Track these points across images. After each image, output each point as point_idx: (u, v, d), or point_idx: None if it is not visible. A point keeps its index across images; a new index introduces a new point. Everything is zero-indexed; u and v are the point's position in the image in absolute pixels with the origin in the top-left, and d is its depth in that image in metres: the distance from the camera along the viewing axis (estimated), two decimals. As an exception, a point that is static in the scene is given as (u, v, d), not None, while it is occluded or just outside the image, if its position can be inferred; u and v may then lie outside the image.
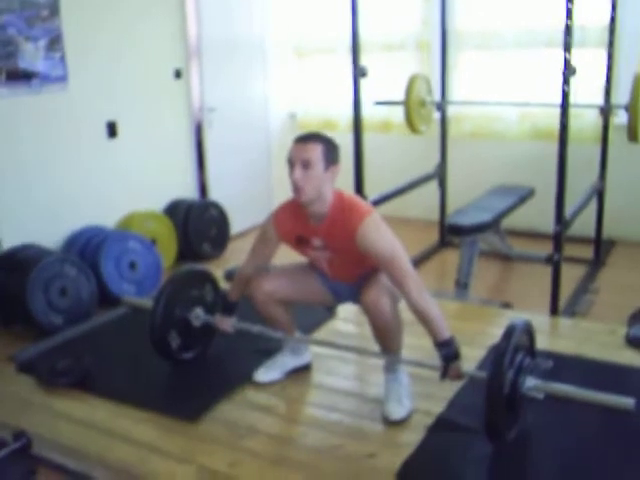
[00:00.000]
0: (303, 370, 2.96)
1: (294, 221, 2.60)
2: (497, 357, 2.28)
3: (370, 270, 2.60)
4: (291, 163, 2.45)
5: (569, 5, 3.30)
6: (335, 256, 2.60)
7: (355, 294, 2.65)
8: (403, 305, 2.58)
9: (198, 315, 2.99)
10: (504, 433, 2.31)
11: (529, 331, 2.48)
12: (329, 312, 3.47)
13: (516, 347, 2.31)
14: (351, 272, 2.67)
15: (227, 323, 2.92)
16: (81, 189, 4.47)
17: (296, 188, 2.45)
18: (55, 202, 4.30)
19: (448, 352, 2.43)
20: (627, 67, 4.91)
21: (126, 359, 3.15)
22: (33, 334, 3.60)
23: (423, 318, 2.43)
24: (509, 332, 2.32)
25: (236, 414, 2.66)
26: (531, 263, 4.73)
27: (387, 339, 2.60)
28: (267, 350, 3.01)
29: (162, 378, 2.98)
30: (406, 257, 2.47)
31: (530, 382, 2.34)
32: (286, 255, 2.85)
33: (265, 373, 2.88)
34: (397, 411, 2.57)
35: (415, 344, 2.98)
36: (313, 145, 2.43)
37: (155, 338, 2.92)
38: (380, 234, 2.45)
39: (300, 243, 2.64)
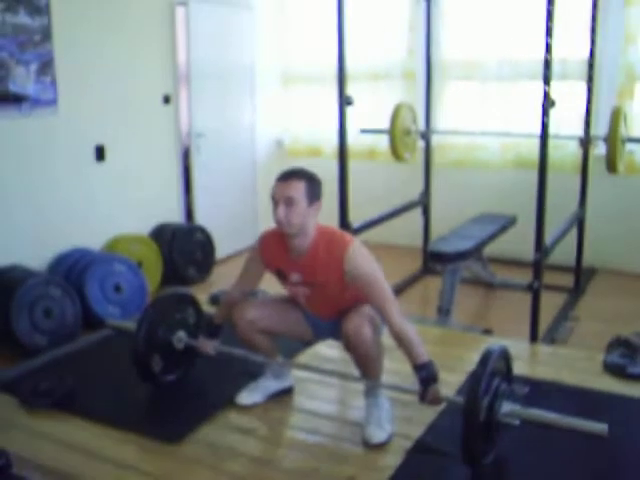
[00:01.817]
0: (285, 393, 2.98)
1: (277, 251, 2.64)
2: (473, 384, 2.31)
3: (346, 307, 2.63)
4: (275, 201, 2.49)
5: (548, 40, 3.39)
6: (313, 292, 2.63)
7: (335, 331, 2.68)
8: (384, 332, 2.62)
9: (181, 338, 3.00)
10: (481, 458, 2.34)
11: (506, 357, 2.52)
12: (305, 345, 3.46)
13: (492, 373, 2.35)
14: (329, 309, 2.70)
15: (210, 346, 2.93)
16: (68, 211, 4.50)
17: (280, 225, 2.50)
18: (42, 224, 4.33)
19: (426, 375, 2.45)
20: (606, 100, 5.04)
21: (109, 381, 3.16)
22: (17, 354, 3.60)
23: (402, 341, 2.46)
24: (485, 358, 2.36)
25: (218, 436, 2.67)
26: (513, 290, 4.79)
27: (368, 367, 2.62)
28: (250, 373, 3.03)
29: (144, 400, 2.98)
30: (386, 282, 2.53)
31: (506, 407, 2.37)
32: (275, 282, 2.89)
33: (247, 396, 2.89)
34: (377, 435, 2.59)
35: (395, 369, 3.02)
36: (296, 183, 2.47)
37: (138, 362, 2.93)
38: (365, 258, 2.51)
39: (279, 275, 2.69)
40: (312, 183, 2.51)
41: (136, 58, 4.92)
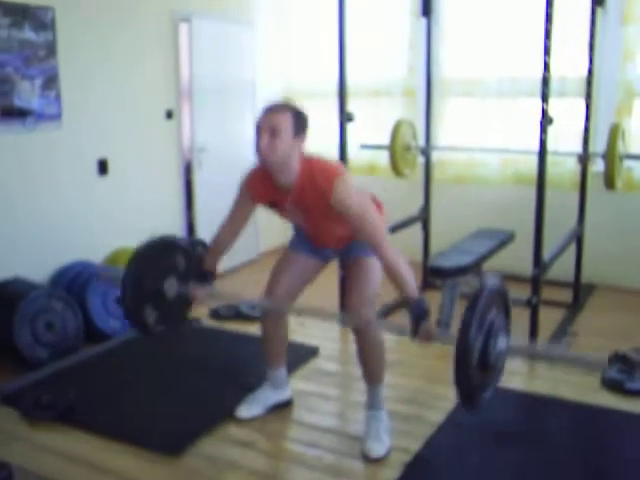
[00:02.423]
0: (284, 406, 2.99)
1: (264, 186, 2.58)
2: (464, 326, 2.21)
3: (349, 234, 2.62)
4: (258, 130, 2.42)
5: (546, 58, 3.44)
6: (309, 215, 2.58)
7: (338, 253, 2.77)
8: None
9: (172, 286, 2.90)
10: (478, 399, 2.29)
11: (501, 290, 2.47)
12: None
13: (486, 308, 2.29)
14: (330, 231, 2.64)
15: (202, 291, 2.89)
16: (70, 224, 4.53)
17: (261, 155, 2.43)
18: (44, 236, 4.36)
19: (418, 311, 2.39)
20: (604, 116, 5.08)
21: (110, 393, 3.17)
22: (18, 367, 3.62)
23: (394, 275, 2.42)
24: (476, 297, 2.28)
25: (218, 449, 2.69)
26: (512, 305, 4.80)
27: (371, 356, 2.66)
28: (249, 385, 3.05)
29: (145, 412, 3.00)
30: (377, 216, 2.49)
31: (502, 343, 2.34)
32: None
33: (247, 409, 2.91)
34: (376, 448, 2.60)
35: (395, 383, 3.05)
36: (283, 114, 2.41)
37: (128, 314, 2.83)
38: (349, 192, 2.41)
39: (273, 207, 2.66)
40: (298, 115, 2.46)
41: (139, 73, 4.97)
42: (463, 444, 2.69)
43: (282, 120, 2.40)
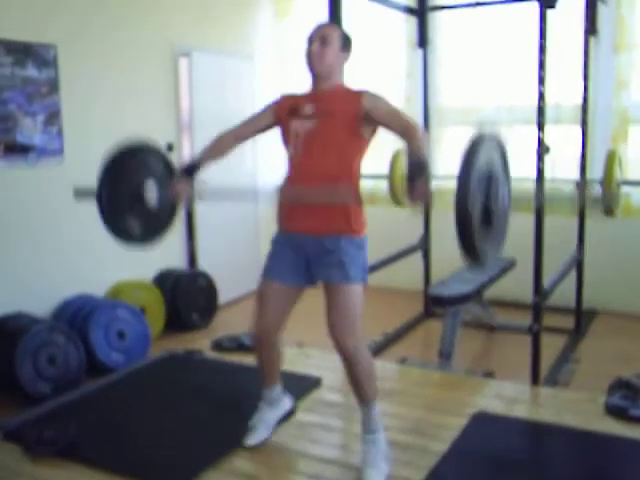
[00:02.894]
0: (290, 415, 3.01)
1: (294, 98, 2.78)
2: (460, 182, 2.27)
3: (339, 166, 2.63)
4: (310, 40, 2.69)
5: (541, 88, 3.49)
6: (317, 129, 2.62)
7: (319, 261, 2.65)
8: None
9: (151, 190, 2.84)
10: (482, 256, 2.31)
11: (497, 139, 2.50)
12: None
13: (484, 166, 2.31)
14: (325, 162, 2.63)
15: (182, 186, 2.82)
16: (72, 257, 4.55)
17: (312, 60, 2.67)
18: (46, 270, 4.38)
19: (415, 160, 2.41)
20: (601, 143, 5.14)
21: (112, 427, 3.17)
22: (20, 402, 3.62)
23: (406, 132, 2.55)
24: (470, 152, 2.32)
25: (221, 483, 2.68)
26: (514, 333, 4.81)
27: (360, 379, 2.64)
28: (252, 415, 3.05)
29: (148, 446, 2.99)
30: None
31: (504, 189, 2.33)
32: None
33: (252, 436, 2.90)
34: (373, 476, 2.58)
35: (395, 412, 3.05)
36: (333, 28, 2.72)
37: (113, 229, 2.79)
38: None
39: (291, 112, 2.71)
40: (345, 34, 2.72)
41: (140, 107, 5.03)
42: (467, 474, 2.68)
43: (332, 32, 2.69)
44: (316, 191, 2.62)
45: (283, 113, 2.75)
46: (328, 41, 2.65)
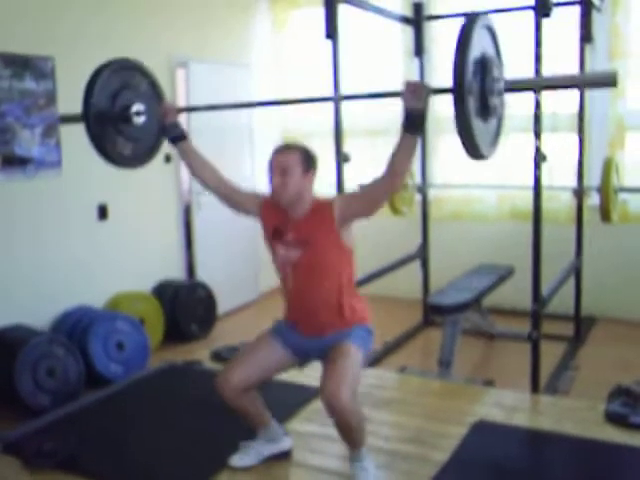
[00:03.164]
0: (284, 456, 2.91)
1: (276, 212, 2.68)
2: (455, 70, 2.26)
3: (333, 291, 2.61)
4: (270, 169, 2.62)
5: (537, 97, 3.50)
6: (303, 257, 2.59)
7: (318, 350, 2.65)
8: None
9: (139, 111, 2.86)
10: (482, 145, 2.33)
11: (488, 26, 2.49)
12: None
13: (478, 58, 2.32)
14: (315, 284, 2.62)
15: (172, 109, 2.91)
16: (71, 269, 4.56)
17: (276, 193, 2.59)
18: (45, 282, 4.38)
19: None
20: (597, 151, 5.16)
21: (112, 439, 3.16)
22: (20, 414, 3.61)
23: (391, 160, 2.45)
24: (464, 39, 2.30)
25: (221, 494, 2.67)
26: (513, 341, 4.82)
27: (349, 434, 2.57)
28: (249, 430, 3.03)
29: (147, 458, 2.98)
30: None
31: (498, 84, 2.41)
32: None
33: (240, 459, 2.84)
34: None
35: (396, 421, 3.04)
36: (291, 153, 2.60)
37: (104, 153, 2.82)
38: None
39: (275, 234, 2.67)
40: (307, 154, 2.62)
41: (138, 119, 5.04)
42: (468, 483, 2.67)
43: (291, 159, 2.58)
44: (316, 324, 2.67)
45: (268, 228, 2.71)
46: (288, 172, 2.55)
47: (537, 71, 3.52)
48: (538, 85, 3.10)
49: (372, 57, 6.07)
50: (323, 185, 6.04)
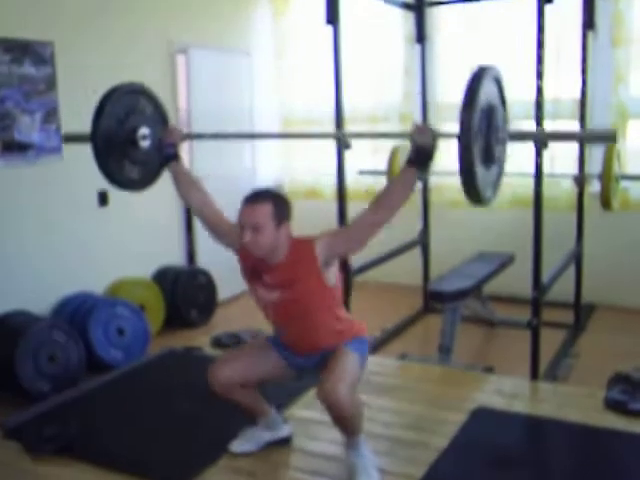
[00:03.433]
0: (284, 443, 2.92)
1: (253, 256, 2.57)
2: (463, 125, 2.27)
3: (317, 333, 2.59)
4: (241, 226, 2.47)
5: (539, 83, 3.49)
6: (283, 298, 2.53)
7: (313, 365, 2.64)
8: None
9: (145, 135, 2.91)
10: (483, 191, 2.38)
11: (496, 77, 2.52)
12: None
13: (484, 106, 2.36)
14: (297, 325, 2.61)
15: (177, 133, 2.95)
16: (72, 255, 4.56)
17: (249, 249, 2.47)
18: (46, 268, 4.38)
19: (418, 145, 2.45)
20: (599, 138, 5.12)
21: (113, 424, 3.17)
22: (21, 400, 3.62)
23: (381, 196, 2.47)
24: (472, 90, 2.33)
25: (221, 479, 2.68)
26: (513, 328, 4.82)
27: (345, 427, 2.55)
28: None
29: (149, 443, 2.99)
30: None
31: (502, 133, 2.47)
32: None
33: (240, 444, 2.85)
34: None
35: (397, 408, 3.04)
36: (262, 206, 2.43)
37: (113, 178, 2.90)
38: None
39: (253, 275, 2.61)
40: (279, 204, 2.47)
41: (138, 105, 5.02)
42: (467, 469, 2.68)
43: (262, 215, 2.43)
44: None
45: (247, 267, 2.64)
46: (260, 229, 2.41)
47: (539, 58, 3.50)
48: (540, 138, 3.17)
49: (373, 43, 6.03)
50: (326, 171, 6.04)
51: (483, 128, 2.35)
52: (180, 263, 5.52)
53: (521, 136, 2.85)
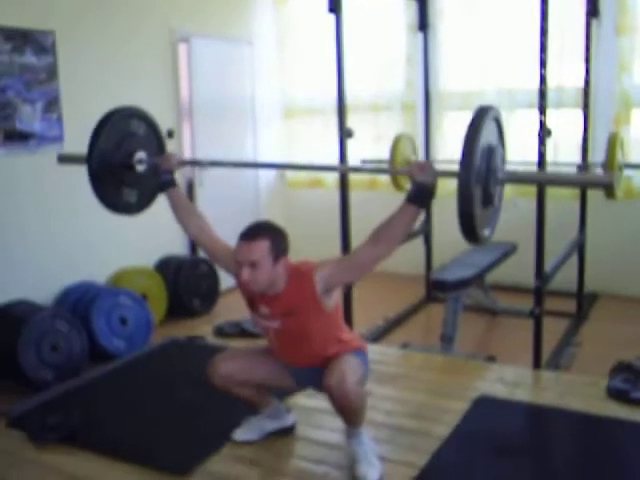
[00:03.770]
0: (287, 431, 2.92)
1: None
2: (463, 170, 2.26)
3: (317, 352, 2.58)
4: (238, 263, 2.44)
5: (542, 71, 3.47)
6: (283, 327, 2.54)
7: (315, 379, 2.61)
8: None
9: (141, 159, 2.91)
10: (479, 231, 2.39)
11: (495, 117, 2.46)
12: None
13: (485, 147, 2.32)
14: (298, 351, 2.61)
15: (173, 158, 2.95)
16: (74, 245, 4.56)
17: (248, 285, 2.45)
18: (49, 258, 4.39)
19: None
20: (602, 127, 5.11)
21: (116, 413, 3.18)
22: (24, 389, 3.63)
23: (382, 228, 2.44)
24: (472, 133, 2.28)
25: (224, 467, 2.69)
26: (515, 317, 4.82)
27: (350, 417, 2.55)
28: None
29: (152, 432, 3.00)
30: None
31: (501, 174, 2.41)
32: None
33: (243, 433, 2.86)
34: (371, 472, 2.54)
35: (401, 397, 3.04)
36: (260, 243, 2.41)
37: (112, 206, 2.92)
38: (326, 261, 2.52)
39: (251, 304, 2.62)
40: (276, 239, 2.45)
41: (139, 94, 5.00)
42: (469, 457, 2.69)
43: (259, 251, 2.40)
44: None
45: (245, 295, 2.62)
46: (257, 266, 2.38)
47: (542, 46, 3.47)
48: (538, 180, 3.17)
49: (375, 32, 6.00)
50: (327, 160, 6.03)
51: (483, 168, 2.33)
52: (182, 252, 5.52)
53: (519, 177, 2.82)
